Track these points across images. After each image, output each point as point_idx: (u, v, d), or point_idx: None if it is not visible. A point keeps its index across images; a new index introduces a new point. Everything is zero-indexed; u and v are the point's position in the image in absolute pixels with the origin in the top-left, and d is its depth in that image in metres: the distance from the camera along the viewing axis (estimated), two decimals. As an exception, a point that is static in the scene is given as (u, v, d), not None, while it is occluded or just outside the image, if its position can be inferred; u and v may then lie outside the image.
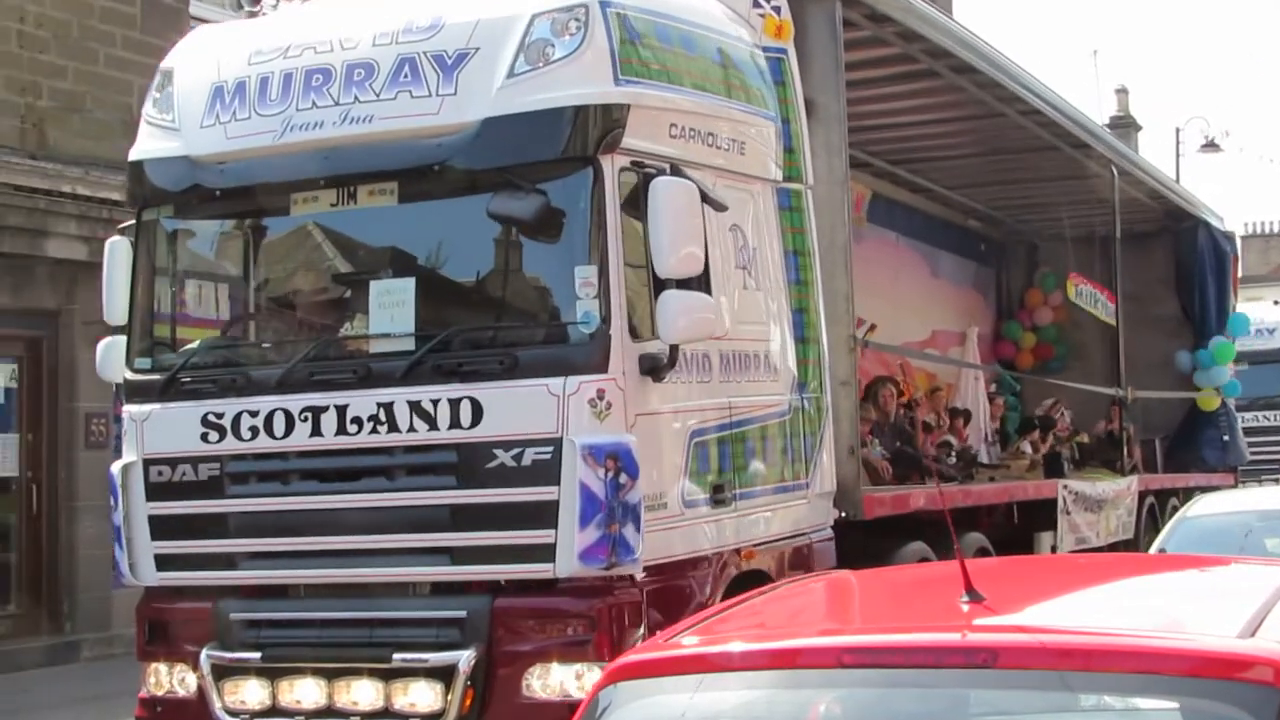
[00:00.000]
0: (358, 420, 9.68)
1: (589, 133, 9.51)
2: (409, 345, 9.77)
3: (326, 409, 9.74)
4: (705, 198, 9.89)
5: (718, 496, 10.23)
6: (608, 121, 9.56)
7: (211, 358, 10.41)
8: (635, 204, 9.58)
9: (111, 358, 10.60)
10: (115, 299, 10.59)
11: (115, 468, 10.33)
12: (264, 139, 9.98)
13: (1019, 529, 16.27)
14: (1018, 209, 22.84)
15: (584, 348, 9.42)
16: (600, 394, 9.31)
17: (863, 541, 12.53)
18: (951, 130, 18.21)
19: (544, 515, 9.31)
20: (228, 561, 10.09)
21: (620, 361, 9.41)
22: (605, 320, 9.40)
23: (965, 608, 4.52)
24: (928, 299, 21.84)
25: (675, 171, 9.81)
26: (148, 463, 10.19)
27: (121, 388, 10.60)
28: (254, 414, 9.91)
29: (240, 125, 10.09)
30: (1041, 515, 16.46)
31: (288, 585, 10.10)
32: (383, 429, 9.63)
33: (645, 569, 9.51)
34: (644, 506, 9.41)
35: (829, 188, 12.20)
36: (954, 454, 18.10)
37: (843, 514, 11.94)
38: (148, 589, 10.45)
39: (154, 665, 10.31)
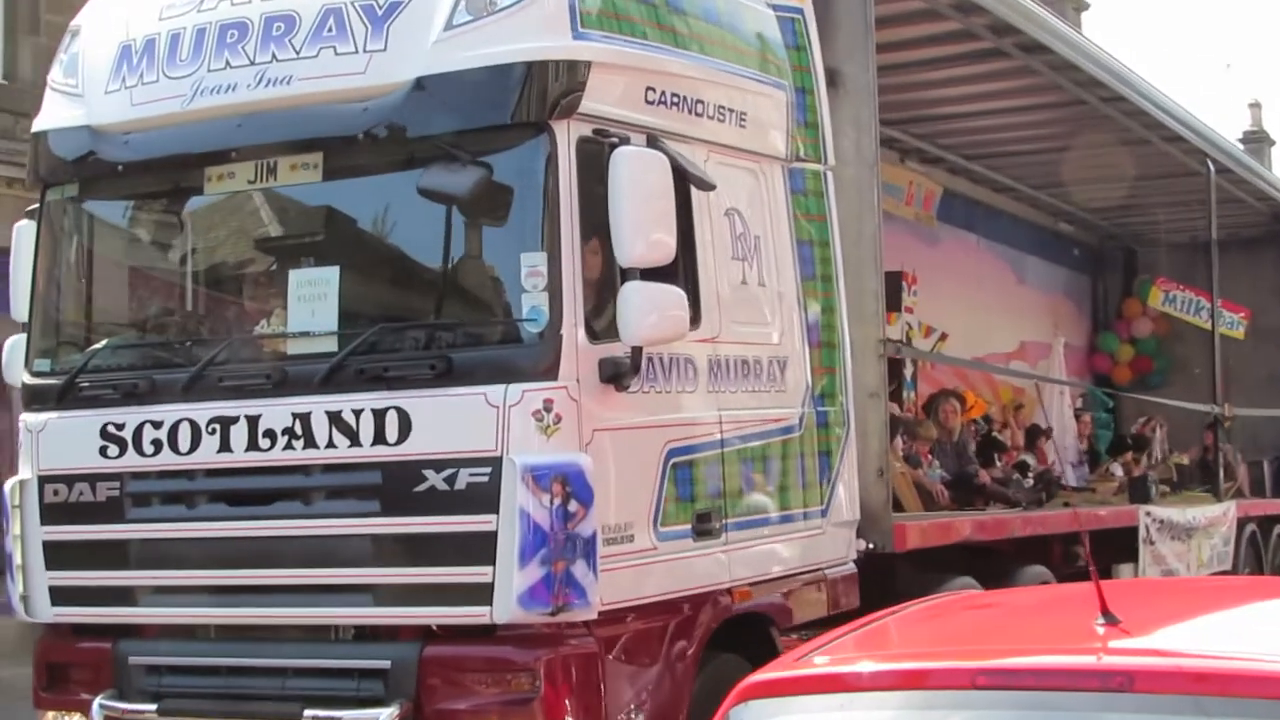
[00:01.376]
0: (270, 434, 8.12)
1: (541, 94, 7.92)
2: (331, 345, 8.19)
3: (236, 420, 8.20)
4: (685, 174, 8.26)
5: (703, 527, 8.58)
6: (564, 81, 7.97)
7: (115, 359, 8.88)
8: (600, 180, 7.94)
9: (15, 359, 9.10)
10: (20, 292, 9.10)
11: (8, 485, 8.82)
12: (171, 105, 8.47)
13: (1098, 559, 14.40)
14: (1113, 211, 20.95)
15: (530, 350, 7.82)
16: (547, 405, 7.70)
17: (899, 577, 10.84)
18: (1028, 121, 16.39)
19: (480, 549, 7.72)
20: (127, 597, 8.56)
21: (574, 366, 7.80)
22: (556, 317, 7.77)
23: (1100, 630, 4.41)
24: (1014, 308, 20.05)
25: (652, 144, 8.18)
26: (43, 480, 8.69)
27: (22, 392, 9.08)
28: (157, 425, 8.38)
29: (147, 90, 8.58)
30: (1124, 545, 14.58)
31: (195, 625, 8.52)
32: (298, 444, 8.08)
33: (605, 613, 7.88)
34: (602, 539, 7.80)
35: (857, 170, 10.53)
36: (1031, 475, 16.25)
37: (870, 545, 10.22)
38: (48, 627, 8.92)
39: (48, 716, 8.78)
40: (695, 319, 8.58)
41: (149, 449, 8.39)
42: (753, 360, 9.09)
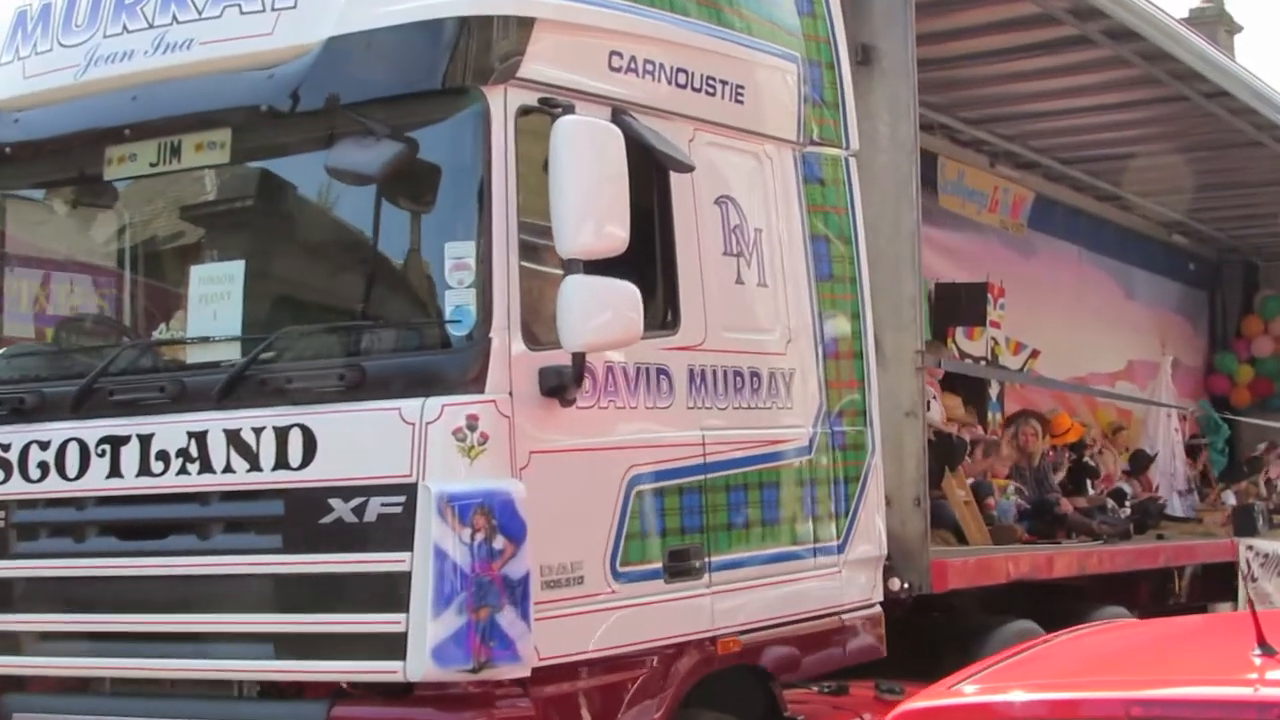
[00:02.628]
0: (164, 456, 6.83)
1: (473, 55, 6.61)
2: (234, 353, 6.87)
3: (128, 440, 6.92)
4: (653, 153, 6.86)
5: (678, 566, 7.16)
6: (502, 40, 6.64)
7: (7, 370, 7.58)
8: (546, 158, 6.55)
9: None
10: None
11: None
12: (63, 77, 7.25)
13: (1193, 597, 12.81)
14: (1230, 221, 19.16)
15: (453, 357, 6.48)
16: (471, 422, 6.33)
17: (944, 620, 9.35)
18: (1126, 120, 14.75)
19: (392, 593, 6.37)
20: (11, 644, 7.25)
21: (505, 376, 6.43)
22: (485, 318, 6.41)
23: (1257, 660, 4.27)
24: (1121, 325, 18.35)
25: (617, 118, 6.80)
26: (-75, 508, 7.41)
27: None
28: (44, 445, 7.09)
29: (40, 60, 7.37)
30: (1226, 581, 12.93)
31: (90, 678, 7.22)
32: (193, 468, 6.75)
33: (545, 670, 6.48)
34: (540, 582, 6.42)
35: (893, 157, 9.10)
36: (1129, 504, 14.59)
37: (905, 586, 8.72)
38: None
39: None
40: (672, 322, 7.23)
41: (35, 473, 7.13)
42: (749, 372, 7.65)
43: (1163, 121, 14.85)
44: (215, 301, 6.93)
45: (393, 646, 6.35)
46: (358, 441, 6.49)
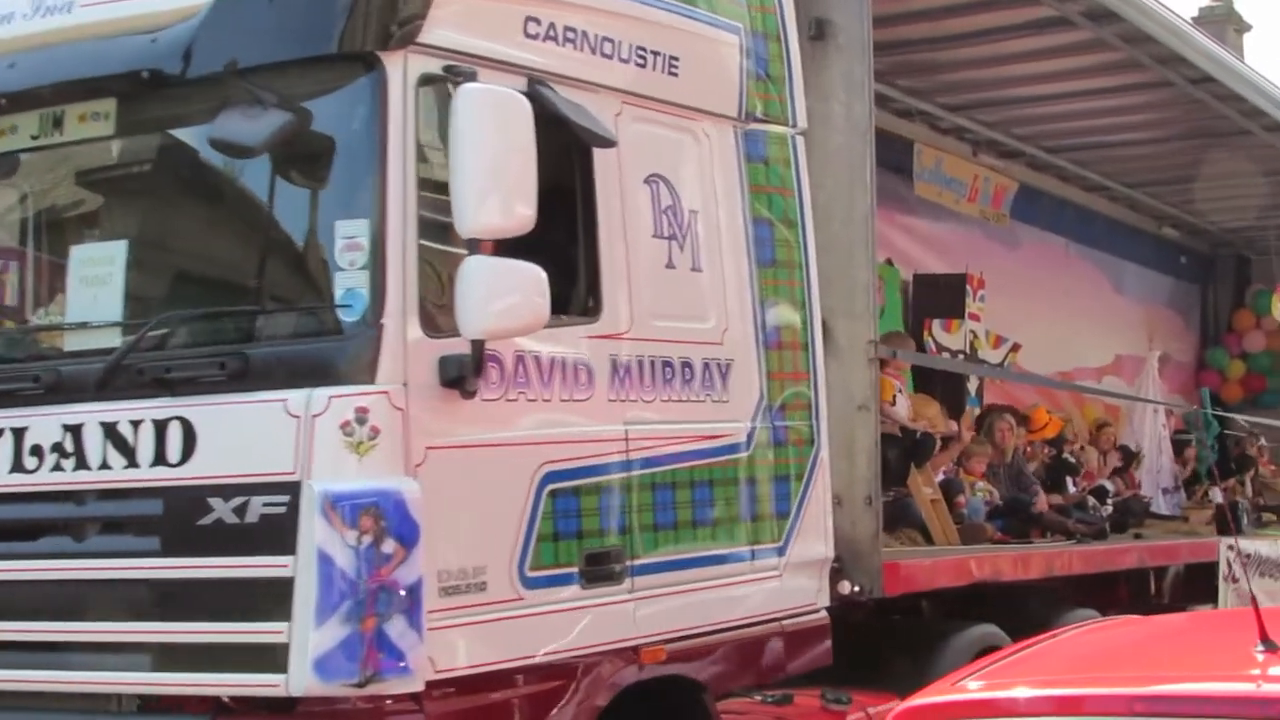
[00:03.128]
0: (38, 451, 6.25)
1: (369, 18, 6.02)
2: (115, 339, 6.30)
3: (1, 433, 6.30)
4: (569, 125, 6.31)
5: (597, 570, 6.61)
6: (400, 2, 6.00)
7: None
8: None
9: None
10: None
11: None
12: (-63, 42, 6.63)
13: (1173, 598, 12.24)
14: (1222, 214, 18.54)
15: (342, 344, 5.92)
16: (360, 415, 5.77)
17: (900, 625, 8.80)
18: (1112, 107, 14.15)
19: (274, 600, 5.82)
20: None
21: (399, 365, 5.88)
22: (377, 302, 5.85)
23: (1260, 657, 4.23)
24: (1109, 319, 17.76)
25: (533, 88, 6.24)
26: None
27: None
28: None
29: (-84, 25, 6.75)
30: (1209, 581, 12.34)
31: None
32: (68, 464, 6.18)
33: (442, 683, 5.92)
34: (438, 588, 5.87)
35: (848, 139, 8.52)
36: (1110, 502, 14.01)
37: (856, 589, 8.15)
38: None
39: None
40: (594, 309, 6.67)
41: (-92, 469, 6.55)
42: (680, 362, 7.09)
43: (1148, 109, 14.28)
44: (96, 285, 6.38)
45: (275, 658, 5.81)
46: (240, 436, 5.94)
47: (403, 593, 5.74)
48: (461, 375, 5.98)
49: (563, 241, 6.65)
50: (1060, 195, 16.68)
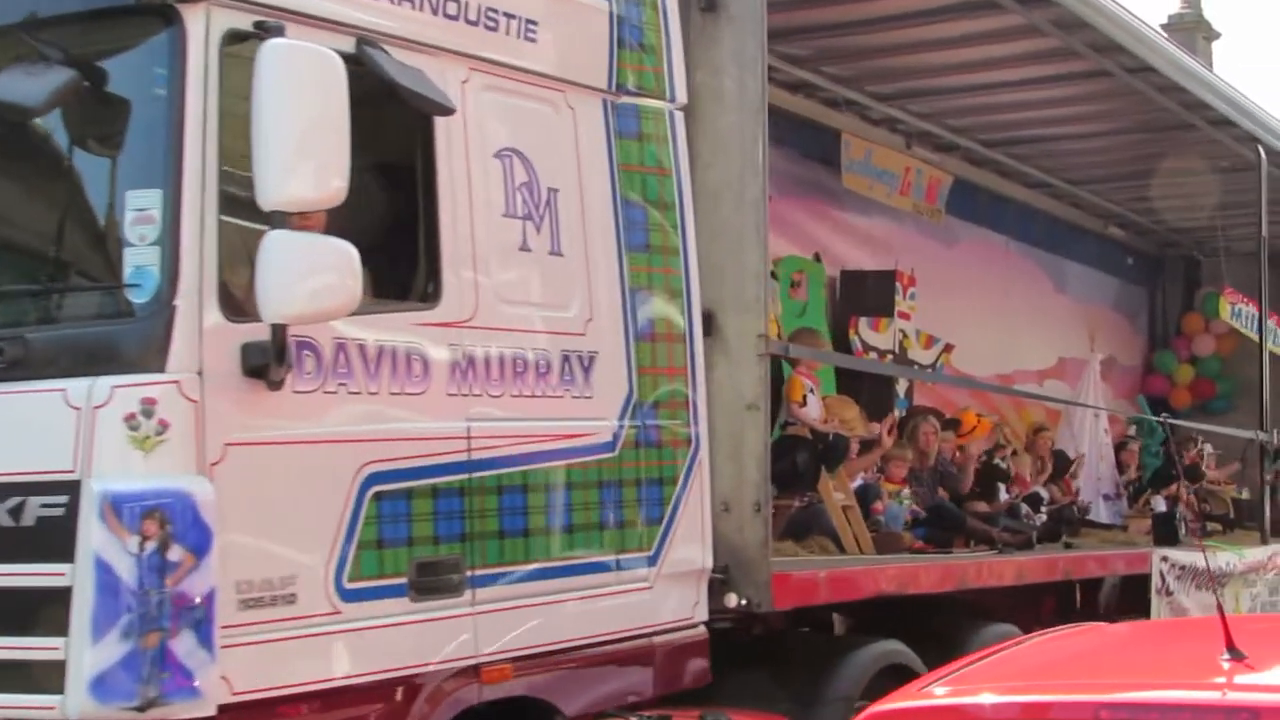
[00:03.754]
0: None
1: (167, -33, 5.36)
2: (-110, 321, 5.66)
3: None
4: (398, 90, 5.69)
5: (430, 581, 6.00)
6: (202, -52, 5.40)
7: None
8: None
9: None
10: None
11: None
12: None
13: (1103, 611, 11.64)
14: (1168, 213, 17.92)
15: (130, 328, 5.30)
16: (147, 407, 5.14)
17: (793, 641, 8.21)
18: (1049, 98, 13.53)
19: (52, 613, 5.23)
20: None
21: (193, 351, 5.28)
22: (169, 281, 5.23)
23: (1226, 665, 4.27)
24: (1052, 320, 17.15)
25: (362, 49, 5.63)
26: None
27: None
28: None
29: None
30: (1141, 595, 11.75)
31: None
32: None
33: (241, 706, 5.30)
34: (237, 601, 5.24)
35: (740, 117, 7.90)
36: (1043, 510, 13.40)
37: (742, 601, 7.54)
38: None
39: None
40: (433, 294, 6.04)
41: None
42: (535, 354, 6.49)
43: (1087, 100, 13.66)
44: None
45: (51, 677, 5.19)
46: (16, 430, 5.35)
47: (192, 605, 5.14)
48: (265, 364, 5.35)
49: (398, 219, 6.06)
50: (1000, 191, 16.09)
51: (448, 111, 6.04)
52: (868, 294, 13.64)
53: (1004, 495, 13.28)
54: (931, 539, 11.18)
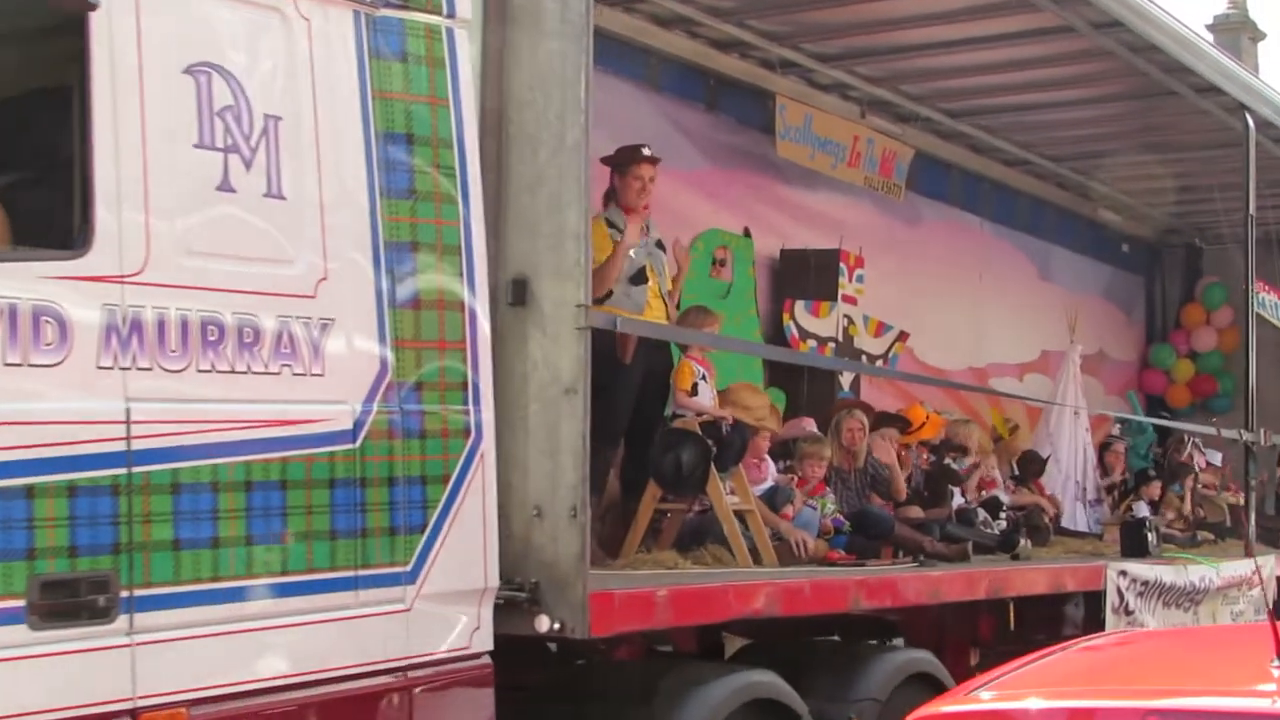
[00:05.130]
0: None
1: None
2: None
3: None
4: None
5: (63, 604, 4.64)
6: None
7: None
8: None
9: None
10: None
11: None
12: None
13: (1051, 633, 10.19)
14: (1164, 194, 16.45)
15: None
16: None
17: (636, 669, 6.90)
18: (1011, 60, 12.16)
19: None
20: None
21: None
22: None
23: (1276, 672, 4.20)
24: (1035, 310, 15.76)
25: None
26: None
27: None
28: None
29: None
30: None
31: None
32: None
33: None
34: None
35: (561, 46, 6.58)
36: (1003, 515, 12.00)
37: (556, 625, 6.19)
38: None
39: None
40: (82, 240, 4.70)
41: None
42: (237, 320, 5.17)
43: (1056, 63, 12.26)
44: None
45: None
46: None
47: None
48: None
49: (35, 147, 4.72)
50: (973, 169, 14.73)
51: (87, 5, 4.70)
52: (810, 275, 12.26)
53: (961, 499, 11.90)
54: (854, 549, 9.82)
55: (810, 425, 11.02)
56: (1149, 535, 11.34)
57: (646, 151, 9.03)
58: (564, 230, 6.52)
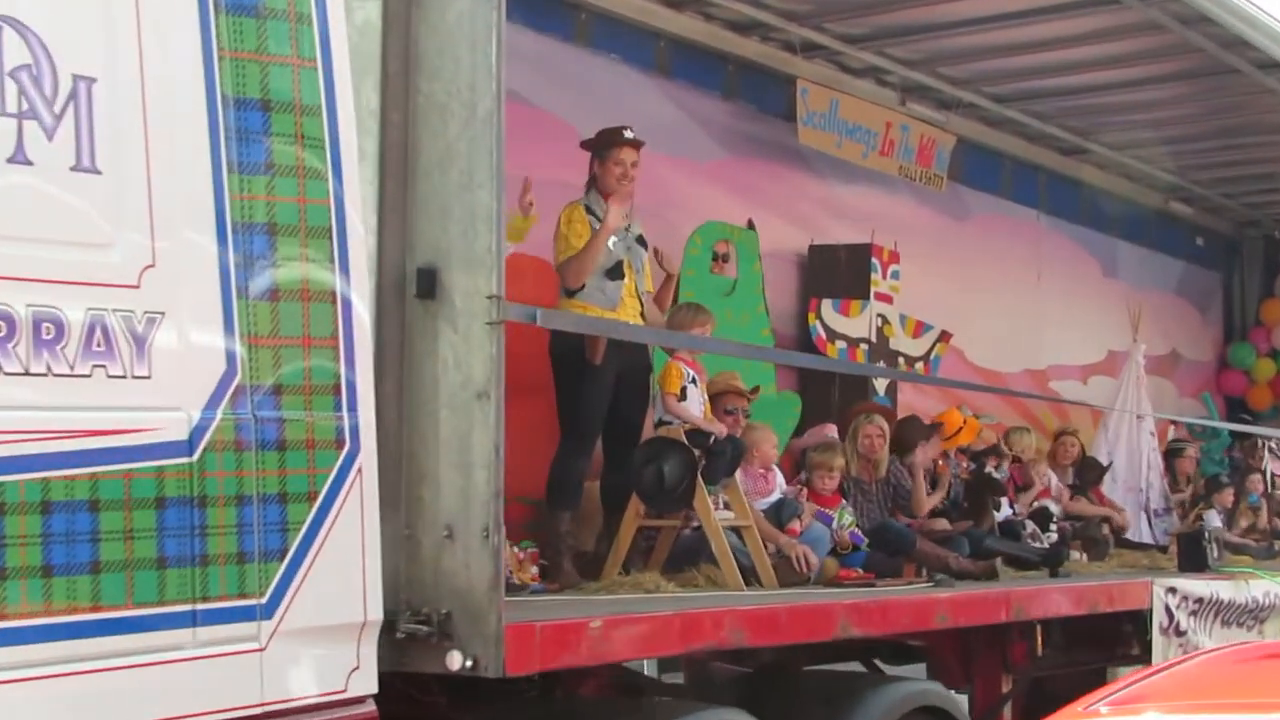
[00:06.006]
0: None
1: None
2: None
3: None
4: None
5: None
6: None
7: None
8: None
9: None
10: None
11: None
12: None
13: (1093, 654, 9.30)
14: (1242, 183, 15.41)
15: None
16: None
17: (579, 707, 6.11)
18: (1060, 36, 11.19)
19: None
20: None
21: None
22: None
23: None
24: (1099, 308, 14.75)
25: None
26: None
27: None
28: None
29: None
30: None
31: None
32: None
33: None
34: None
35: (470, 4, 5.83)
36: (1053, 527, 11.05)
37: (468, 663, 5.36)
38: None
39: None
40: None
41: None
42: (29, 314, 4.34)
43: (1106, 38, 11.31)
44: None
45: None
46: None
47: None
48: None
49: None
50: (1027, 158, 13.73)
51: None
52: (838, 272, 11.35)
53: (1005, 511, 10.95)
54: (872, 566, 8.93)
55: (832, 432, 10.16)
56: (1209, 547, 10.31)
57: (629, 134, 8.24)
58: (475, 212, 5.72)
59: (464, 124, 5.75)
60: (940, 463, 10.65)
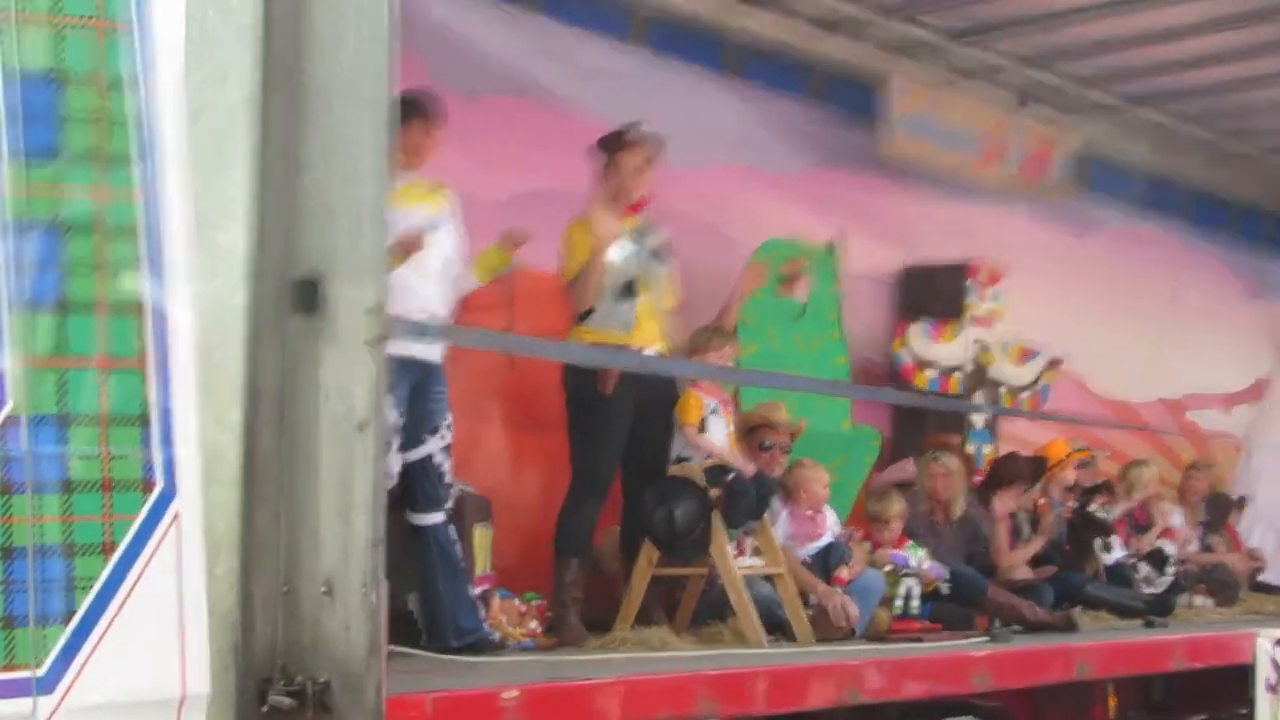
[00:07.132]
0: None
1: None
2: None
3: None
4: None
5: None
6: None
7: None
8: None
9: None
10: None
11: None
12: None
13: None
14: None
15: None
16: None
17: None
18: (1199, 22, 9.90)
19: None
20: None
21: None
22: None
23: None
24: (1246, 331, 13.35)
25: None
26: None
27: None
28: None
29: None
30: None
31: None
32: None
33: None
34: None
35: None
36: (1169, 571, 9.83)
37: (335, 743, 4.45)
38: None
39: None
40: None
41: None
42: None
43: (1248, 21, 9.96)
44: None
45: None
46: None
47: None
48: None
49: None
50: (1160, 166, 12.41)
51: None
52: (933, 293, 10.23)
53: (1113, 553, 9.74)
54: (939, 617, 7.83)
55: (912, 468, 9.06)
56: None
57: (640, 132, 7.27)
58: (360, 216, 4.80)
59: (349, 108, 4.85)
60: (1042, 501, 9.47)
